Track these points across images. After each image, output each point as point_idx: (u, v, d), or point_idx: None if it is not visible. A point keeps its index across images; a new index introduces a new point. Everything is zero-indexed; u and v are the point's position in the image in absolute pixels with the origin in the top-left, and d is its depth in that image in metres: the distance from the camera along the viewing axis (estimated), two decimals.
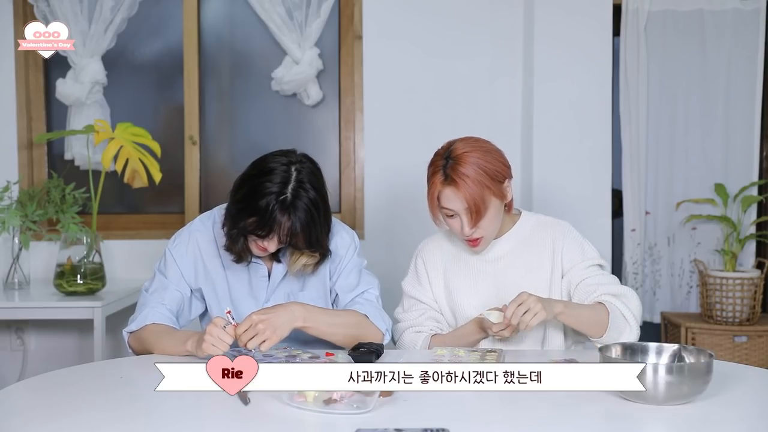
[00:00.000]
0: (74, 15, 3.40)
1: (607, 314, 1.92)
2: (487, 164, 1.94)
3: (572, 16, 3.29)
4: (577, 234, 2.08)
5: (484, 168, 1.93)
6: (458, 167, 1.92)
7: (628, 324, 1.94)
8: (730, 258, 3.40)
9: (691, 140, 3.53)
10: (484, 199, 1.93)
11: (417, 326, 2.10)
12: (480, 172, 1.92)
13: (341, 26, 3.52)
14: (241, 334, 1.77)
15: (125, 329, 1.99)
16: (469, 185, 1.91)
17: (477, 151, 1.95)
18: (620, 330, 1.93)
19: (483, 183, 1.92)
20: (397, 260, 2.73)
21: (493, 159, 1.97)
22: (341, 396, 1.46)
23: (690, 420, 1.44)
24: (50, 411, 1.52)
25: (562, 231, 2.07)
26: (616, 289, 1.98)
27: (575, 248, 2.04)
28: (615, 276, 2.06)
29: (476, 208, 1.93)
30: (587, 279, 2.00)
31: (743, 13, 3.47)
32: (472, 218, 1.94)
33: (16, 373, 3.45)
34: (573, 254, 2.04)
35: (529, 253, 2.06)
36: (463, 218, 1.96)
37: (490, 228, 1.99)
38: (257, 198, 1.84)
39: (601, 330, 1.92)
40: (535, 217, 2.12)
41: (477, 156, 1.94)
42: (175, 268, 2.02)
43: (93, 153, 3.26)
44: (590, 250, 2.05)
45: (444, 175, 1.94)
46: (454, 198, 1.94)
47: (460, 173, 1.92)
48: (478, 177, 1.92)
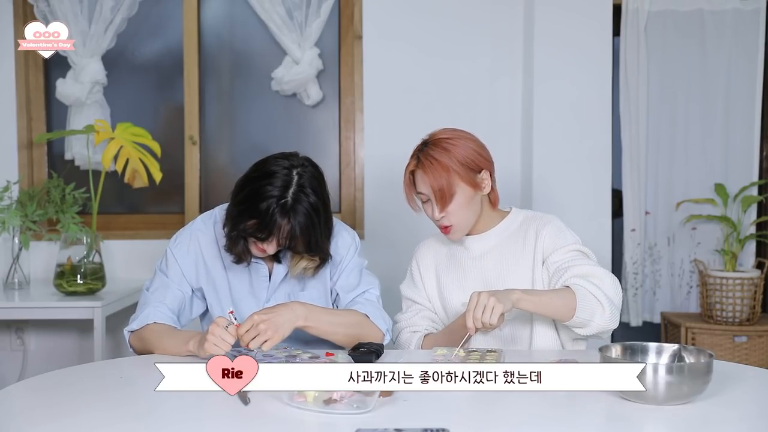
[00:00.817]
0: (74, 15, 3.40)
1: (574, 296, 1.86)
2: (461, 151, 1.98)
3: (572, 16, 3.29)
4: (560, 223, 2.06)
5: (457, 156, 1.97)
6: (429, 151, 1.97)
7: (600, 303, 1.86)
8: (730, 258, 3.40)
9: (691, 140, 3.53)
10: (450, 184, 1.96)
11: (412, 326, 2.12)
12: (452, 159, 1.96)
13: (341, 26, 3.52)
14: (243, 334, 1.77)
15: (126, 328, 1.99)
16: (436, 168, 1.95)
17: (455, 139, 1.99)
18: (592, 310, 1.86)
19: (451, 168, 1.95)
20: (397, 260, 2.72)
21: (469, 148, 2.00)
22: (341, 396, 1.46)
23: (690, 420, 1.43)
24: (50, 411, 1.52)
25: (545, 221, 2.06)
26: (587, 270, 1.91)
27: (554, 234, 2.02)
28: (594, 261, 1.99)
29: (441, 193, 1.96)
30: (562, 264, 1.96)
31: (743, 13, 3.47)
32: (439, 204, 1.97)
33: (16, 373, 3.45)
34: (552, 240, 2.02)
35: (513, 247, 2.07)
36: (433, 203, 1.99)
37: (461, 215, 2.00)
38: (258, 201, 1.84)
39: (569, 313, 1.86)
40: (524, 214, 2.12)
41: (452, 143, 1.98)
42: (176, 268, 2.03)
43: (93, 153, 3.26)
44: (570, 236, 2.02)
45: (416, 159, 2.00)
46: (422, 181, 1.98)
47: (430, 156, 1.96)
48: (447, 162, 1.95)
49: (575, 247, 2.01)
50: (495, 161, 2.09)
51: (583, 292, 1.87)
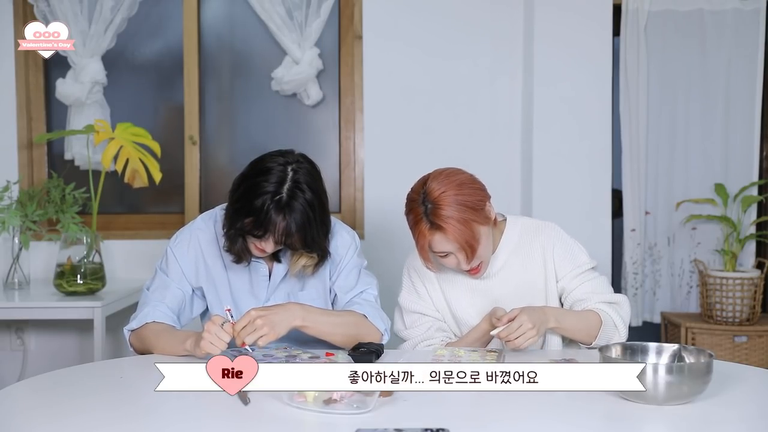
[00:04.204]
0: (74, 15, 3.40)
1: (600, 323, 1.96)
2: (465, 198, 1.90)
3: (572, 17, 3.29)
4: (565, 237, 2.07)
5: (464, 203, 1.89)
6: (439, 211, 1.87)
7: (618, 331, 1.98)
8: (730, 258, 3.40)
9: (691, 140, 3.53)
10: (474, 234, 1.90)
11: (427, 340, 2.08)
12: (462, 209, 1.88)
13: (341, 26, 3.52)
14: (240, 331, 1.77)
15: (126, 327, 1.99)
16: (456, 226, 1.87)
17: (451, 188, 1.90)
18: (609, 337, 1.96)
19: (468, 219, 1.89)
20: (397, 260, 2.71)
21: (469, 190, 1.92)
22: (341, 396, 1.46)
23: (690, 420, 1.44)
24: (50, 411, 1.52)
25: (550, 236, 2.06)
26: (610, 297, 2.02)
27: (565, 255, 2.04)
28: (606, 278, 2.08)
29: (469, 246, 1.90)
30: (580, 287, 2.03)
31: (743, 13, 3.47)
32: (468, 255, 1.92)
33: (16, 373, 3.45)
34: (564, 263, 2.04)
35: (521, 263, 2.05)
36: (458, 256, 1.93)
37: (485, 253, 1.97)
38: (253, 198, 1.84)
39: (591, 338, 1.97)
40: (520, 222, 2.10)
41: (453, 193, 1.89)
42: (176, 267, 2.03)
43: (93, 153, 3.26)
44: (580, 254, 2.05)
45: (428, 223, 1.89)
46: (445, 242, 1.90)
47: (444, 217, 1.87)
48: (462, 215, 1.88)
49: (588, 266, 2.05)
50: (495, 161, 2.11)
51: (608, 320, 1.97)
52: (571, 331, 1.96)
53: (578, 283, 2.03)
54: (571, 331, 1.96)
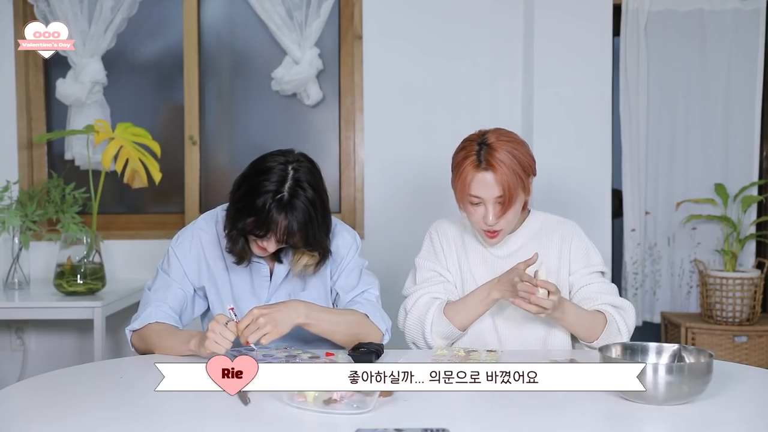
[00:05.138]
0: (74, 15, 3.40)
1: (604, 323, 1.96)
2: (521, 156, 1.96)
3: (572, 17, 3.29)
4: (583, 236, 2.11)
5: (518, 158, 1.95)
6: (495, 153, 1.93)
7: (620, 334, 1.97)
8: (730, 258, 3.40)
9: (691, 140, 3.53)
10: (515, 188, 1.94)
11: (433, 293, 2.08)
12: (515, 161, 1.94)
13: (341, 26, 3.52)
14: (243, 330, 1.77)
15: (128, 327, 1.99)
16: (506, 171, 1.92)
17: (512, 142, 1.97)
18: (611, 340, 1.95)
19: (517, 173, 1.94)
20: (397, 260, 2.73)
21: (526, 152, 1.99)
22: (341, 396, 1.46)
23: (690, 420, 1.44)
24: (50, 411, 1.52)
25: (570, 231, 2.10)
26: (618, 301, 2.02)
27: (581, 252, 2.07)
28: (614, 285, 2.08)
29: (510, 196, 1.93)
30: (589, 286, 2.03)
31: (743, 13, 3.47)
32: (503, 207, 1.95)
33: (16, 373, 3.45)
34: (579, 258, 2.07)
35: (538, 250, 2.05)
36: (489, 207, 1.95)
37: (511, 220, 2.00)
38: (254, 197, 1.84)
39: (593, 336, 1.97)
40: (543, 216, 2.14)
41: (512, 146, 1.96)
42: (178, 267, 2.03)
43: (93, 153, 3.26)
44: (595, 256, 2.08)
45: (479, 160, 1.94)
46: (489, 184, 1.93)
47: (498, 159, 1.92)
48: (514, 166, 1.93)
49: (599, 269, 2.07)
50: None
51: (612, 323, 1.97)
52: (576, 325, 1.96)
53: (588, 281, 2.04)
54: (575, 324, 1.96)
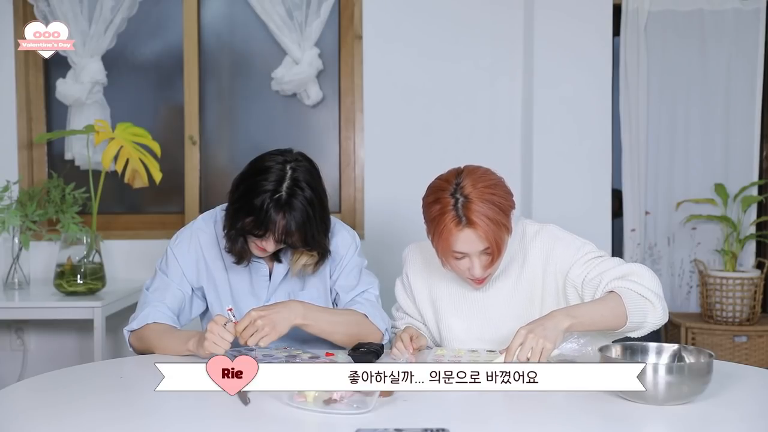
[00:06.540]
0: (74, 15, 3.40)
1: (622, 301, 1.74)
2: (501, 200, 1.79)
3: (572, 17, 3.29)
4: (564, 234, 1.94)
5: (499, 205, 1.78)
6: (473, 206, 1.76)
7: (649, 301, 1.77)
8: (730, 258, 3.40)
9: (691, 140, 3.53)
10: (502, 237, 1.79)
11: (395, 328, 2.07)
12: (495, 209, 1.77)
13: (341, 26, 3.52)
14: (242, 331, 1.77)
15: (126, 328, 1.99)
16: (490, 225, 1.76)
17: (489, 187, 1.79)
18: (643, 311, 1.76)
19: (500, 222, 1.78)
20: (397, 260, 2.71)
21: (504, 192, 1.82)
22: (341, 396, 1.46)
23: (690, 420, 1.43)
24: (50, 411, 1.52)
25: (549, 236, 1.93)
26: (622, 270, 1.82)
27: (566, 251, 1.90)
28: (617, 258, 1.90)
29: (497, 247, 1.78)
30: (589, 273, 1.85)
31: (743, 13, 3.47)
32: (491, 258, 1.81)
33: (16, 373, 3.45)
34: (566, 255, 1.90)
35: (518, 271, 1.94)
36: (474, 260, 1.81)
37: (498, 266, 1.88)
38: (252, 197, 1.84)
39: (621, 320, 1.75)
40: (520, 229, 1.96)
41: (490, 192, 1.78)
42: (176, 267, 2.03)
43: (93, 153, 3.26)
44: (582, 246, 1.92)
45: (458, 217, 1.76)
46: (473, 241, 1.77)
47: (478, 213, 1.75)
48: (496, 216, 1.77)
49: (594, 255, 1.90)
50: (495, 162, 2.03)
51: (629, 294, 1.76)
52: (595, 321, 1.73)
53: (586, 270, 1.87)
54: (593, 320, 1.73)
